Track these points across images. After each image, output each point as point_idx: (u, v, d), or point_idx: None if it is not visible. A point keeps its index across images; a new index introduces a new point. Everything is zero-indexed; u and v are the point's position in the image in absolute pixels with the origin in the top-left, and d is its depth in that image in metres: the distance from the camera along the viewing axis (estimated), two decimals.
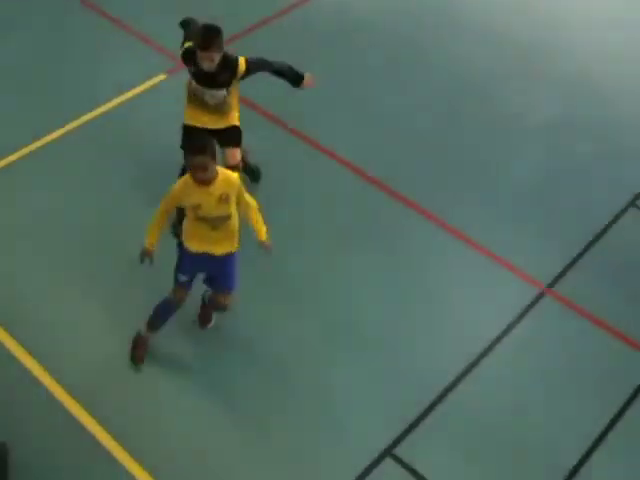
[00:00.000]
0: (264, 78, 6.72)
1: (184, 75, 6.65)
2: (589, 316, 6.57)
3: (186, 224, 5.62)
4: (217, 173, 5.32)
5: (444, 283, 6.77)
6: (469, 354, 6.22)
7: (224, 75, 6.32)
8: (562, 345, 6.40)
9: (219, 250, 5.65)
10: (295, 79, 6.63)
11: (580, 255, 7.04)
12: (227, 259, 5.72)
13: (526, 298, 6.65)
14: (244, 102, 8.03)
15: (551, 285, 6.76)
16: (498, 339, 6.34)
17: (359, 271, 6.78)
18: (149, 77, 8.40)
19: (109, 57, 8.69)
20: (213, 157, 5.18)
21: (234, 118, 6.61)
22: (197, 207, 5.37)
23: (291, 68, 6.60)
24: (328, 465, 5.57)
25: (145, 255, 5.61)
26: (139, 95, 8.22)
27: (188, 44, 6.38)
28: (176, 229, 6.31)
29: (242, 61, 6.33)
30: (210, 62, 6.14)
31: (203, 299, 6.26)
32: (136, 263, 5.69)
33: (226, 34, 6.26)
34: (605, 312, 6.59)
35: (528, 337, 6.39)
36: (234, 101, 6.54)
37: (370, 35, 9.29)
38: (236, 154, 6.64)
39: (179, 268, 5.74)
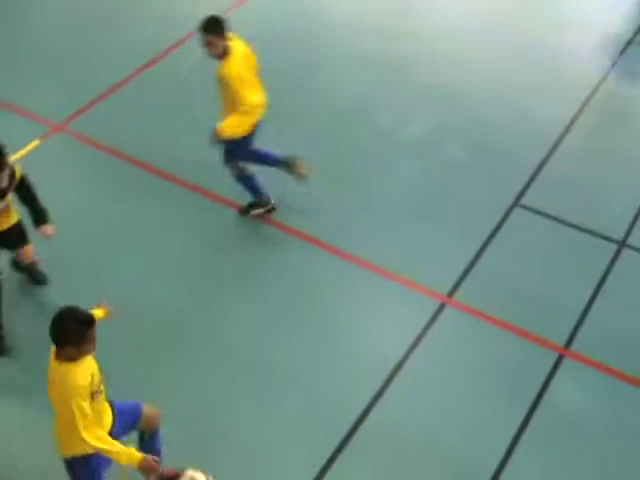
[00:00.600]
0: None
1: (59, 138, 6.55)
2: (490, 318, 6.72)
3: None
4: None
5: (343, 309, 6.81)
6: (380, 375, 6.27)
7: (5, 182, 5.93)
8: (469, 351, 6.52)
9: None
10: (41, 217, 6.27)
11: (474, 260, 7.21)
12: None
13: (428, 311, 6.76)
14: (123, 157, 8.01)
15: (451, 293, 6.91)
16: (406, 356, 6.41)
17: (252, 310, 6.76)
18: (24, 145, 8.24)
19: None
20: None
21: (14, 215, 6.27)
22: (93, 380, 4.71)
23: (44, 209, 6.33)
24: None
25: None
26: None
27: None
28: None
29: (19, 167, 6.10)
30: (5, 177, 5.86)
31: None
32: None
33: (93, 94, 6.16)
34: (505, 312, 6.76)
35: (434, 350, 6.49)
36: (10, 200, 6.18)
37: None
38: (30, 251, 6.44)
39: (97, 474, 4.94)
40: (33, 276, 6.82)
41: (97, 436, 4.65)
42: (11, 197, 6.13)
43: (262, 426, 5.95)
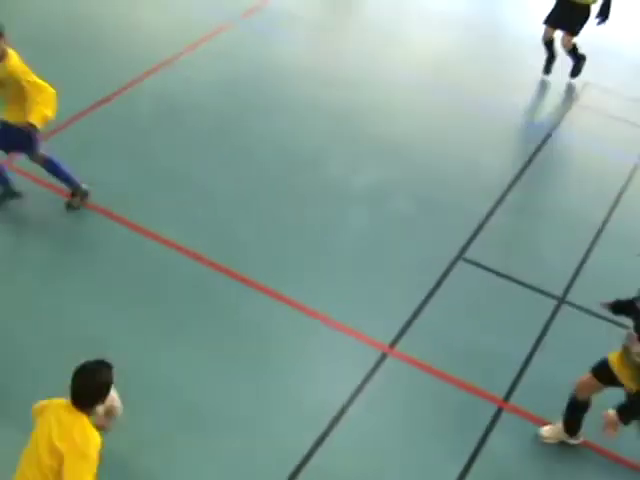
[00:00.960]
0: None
1: None
2: (431, 370, 6.78)
3: None
4: None
5: (286, 356, 6.79)
6: (319, 425, 6.24)
7: None
8: (409, 402, 6.56)
9: None
10: None
11: (417, 312, 7.28)
12: None
13: (370, 361, 6.78)
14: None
15: (392, 344, 6.95)
16: (347, 405, 6.41)
17: (199, 353, 6.70)
18: None
19: None
20: None
21: None
22: None
23: None
24: None
25: None
26: None
27: None
28: None
29: None
30: None
31: None
32: None
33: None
34: (445, 364, 6.82)
35: (375, 399, 6.51)
36: None
37: (194, 115, 9.40)
38: None
39: None
40: None
41: None
42: None
43: (199, 470, 5.87)
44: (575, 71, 10.73)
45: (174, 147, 8.89)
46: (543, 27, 10.36)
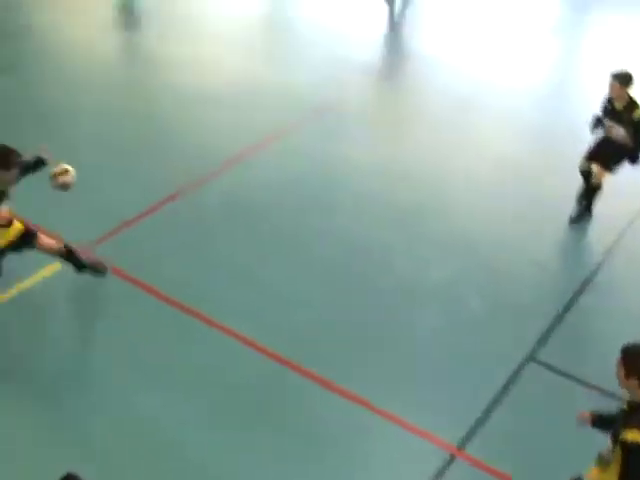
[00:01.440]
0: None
1: None
2: (501, 475, 6.53)
3: None
4: None
5: (351, 457, 6.63)
6: None
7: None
8: None
9: None
10: None
11: (486, 413, 7.06)
12: None
13: (438, 462, 6.57)
14: (136, 283, 8.05)
15: (461, 446, 6.73)
16: None
17: (262, 451, 6.60)
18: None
19: None
20: None
21: None
22: None
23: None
24: None
25: None
26: None
27: None
28: None
29: None
30: None
31: None
32: None
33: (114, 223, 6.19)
34: (514, 469, 6.55)
35: None
36: None
37: (260, 212, 9.53)
38: None
39: None
40: None
41: None
42: None
43: None
44: (577, 219, 9.77)
45: (240, 244, 8.98)
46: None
